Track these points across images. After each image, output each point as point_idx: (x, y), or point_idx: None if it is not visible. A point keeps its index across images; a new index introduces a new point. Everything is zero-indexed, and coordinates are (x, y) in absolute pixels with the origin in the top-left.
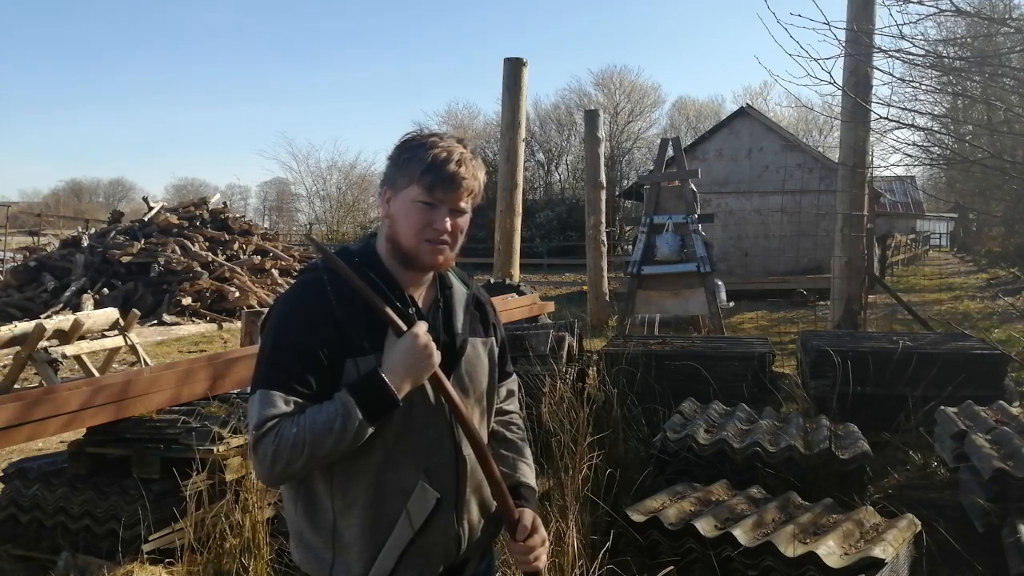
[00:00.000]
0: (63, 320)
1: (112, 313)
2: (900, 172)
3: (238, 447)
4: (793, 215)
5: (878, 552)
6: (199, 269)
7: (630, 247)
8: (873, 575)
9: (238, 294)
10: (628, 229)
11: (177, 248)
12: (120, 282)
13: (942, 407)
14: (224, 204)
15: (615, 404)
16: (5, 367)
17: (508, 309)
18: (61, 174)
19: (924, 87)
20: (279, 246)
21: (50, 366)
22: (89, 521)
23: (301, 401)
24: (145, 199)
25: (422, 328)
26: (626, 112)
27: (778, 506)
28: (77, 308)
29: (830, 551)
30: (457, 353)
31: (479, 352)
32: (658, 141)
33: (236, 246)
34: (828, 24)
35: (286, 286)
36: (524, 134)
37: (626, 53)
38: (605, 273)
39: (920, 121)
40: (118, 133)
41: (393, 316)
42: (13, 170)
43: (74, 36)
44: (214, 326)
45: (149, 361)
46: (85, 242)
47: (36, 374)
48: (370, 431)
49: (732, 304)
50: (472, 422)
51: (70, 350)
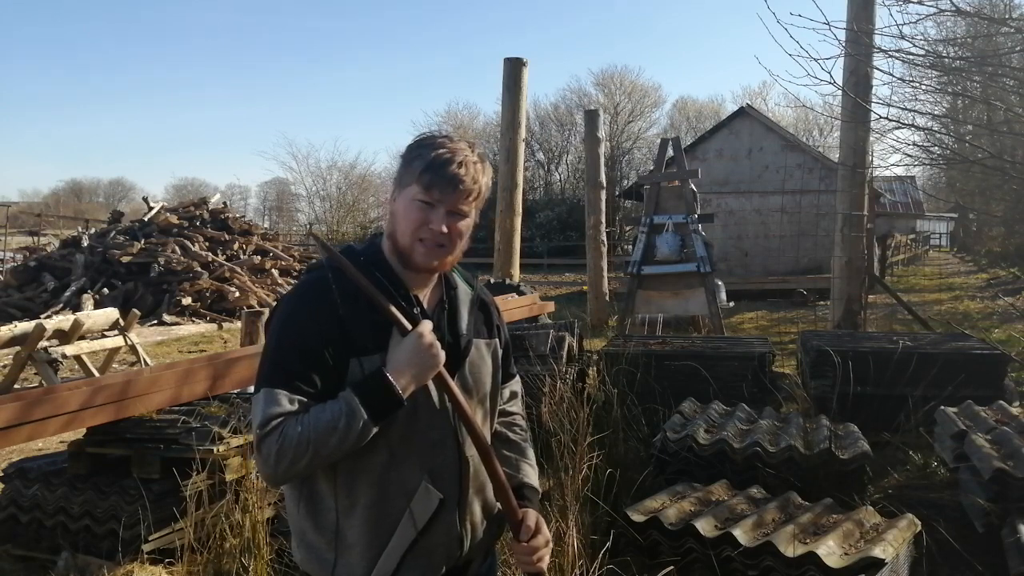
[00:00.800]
0: (63, 320)
1: (112, 313)
2: (900, 172)
3: (238, 447)
4: (793, 215)
5: (878, 552)
6: (199, 269)
7: (630, 247)
8: (873, 575)
9: (238, 294)
10: (628, 229)
11: (177, 248)
12: (120, 282)
13: (942, 407)
14: (224, 204)
15: (615, 404)
16: (5, 367)
17: (508, 309)
18: (61, 174)
19: (924, 87)
20: (279, 246)
21: (50, 366)
22: (89, 521)
23: (305, 400)
24: (145, 199)
25: (427, 327)
26: (626, 112)
27: (778, 506)
28: (77, 308)
29: (830, 551)
30: (461, 354)
31: (483, 353)
32: (658, 141)
33: (236, 246)
34: (828, 24)
35: (286, 286)
36: (524, 134)
37: (626, 53)
38: (605, 273)
39: (920, 121)
40: (118, 133)
41: (398, 315)
42: (13, 170)
43: (74, 36)
44: (214, 326)
45: (149, 361)
46: (85, 242)
47: (36, 374)
48: (374, 431)
49: (732, 304)
50: (476, 422)
51: (70, 350)
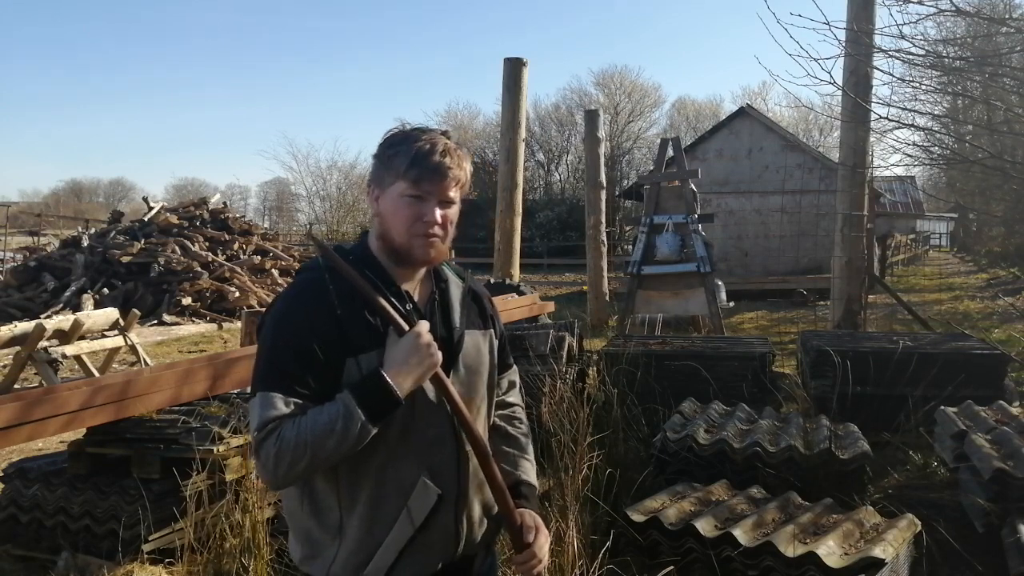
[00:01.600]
0: (63, 320)
1: (112, 313)
2: (900, 172)
3: (238, 447)
4: (793, 215)
5: (878, 552)
6: (199, 269)
7: (630, 247)
8: (873, 575)
9: (238, 294)
10: (628, 229)
11: (177, 248)
12: (120, 282)
13: (942, 407)
14: (224, 204)
15: (615, 404)
16: (5, 367)
17: (508, 309)
18: (61, 174)
19: (924, 87)
20: (279, 246)
21: (50, 366)
22: (89, 521)
23: (301, 402)
24: (145, 199)
25: (424, 327)
26: (626, 112)
27: (778, 506)
28: (77, 308)
29: (830, 551)
30: (455, 348)
31: (479, 345)
32: (658, 141)
33: (236, 246)
34: (828, 24)
35: (286, 286)
36: (524, 134)
37: (626, 53)
38: (605, 273)
39: (920, 121)
40: (118, 133)
41: (394, 315)
42: (13, 170)
43: (74, 36)
44: (214, 326)
45: (149, 361)
46: (85, 242)
47: (36, 374)
48: (373, 432)
49: (732, 304)
50: (473, 423)
51: (70, 350)
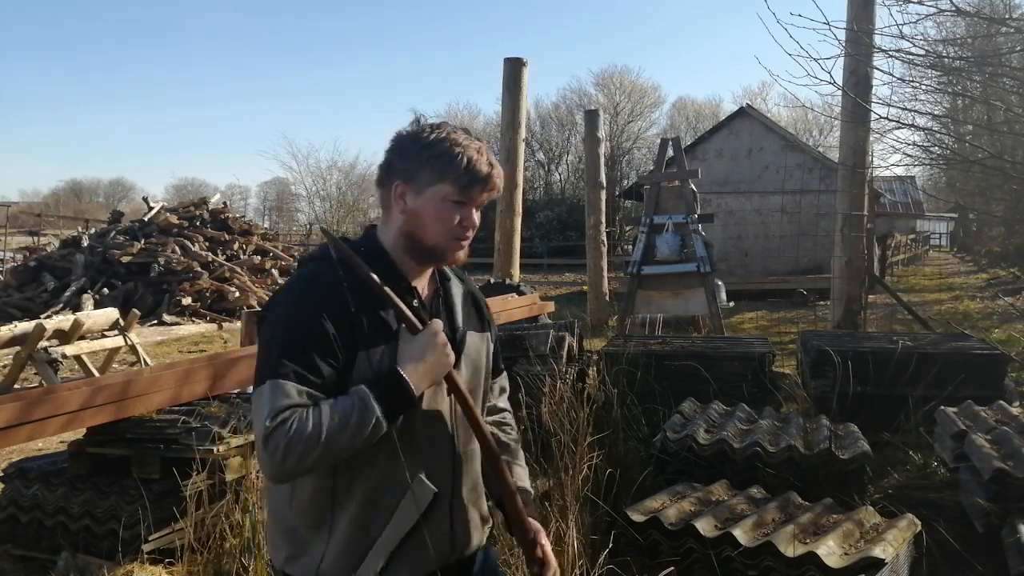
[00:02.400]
0: (63, 320)
1: (112, 313)
2: (900, 172)
3: (238, 447)
4: (793, 215)
5: (878, 552)
6: (199, 269)
7: (630, 247)
8: (873, 575)
9: (238, 294)
10: (628, 229)
11: (177, 248)
12: (120, 282)
13: (942, 407)
14: (224, 204)
15: (615, 404)
16: (5, 367)
17: (508, 309)
18: (61, 174)
19: (924, 87)
20: (279, 246)
21: (50, 366)
22: (89, 521)
23: (315, 393)
24: (145, 199)
25: (439, 326)
26: (626, 112)
27: (778, 506)
28: (77, 308)
29: (830, 551)
30: (459, 347)
31: (479, 346)
32: (658, 141)
33: (236, 246)
34: (828, 24)
35: (294, 277)
36: (524, 134)
37: (626, 53)
38: (605, 273)
39: (920, 121)
40: (118, 133)
41: (409, 313)
42: (13, 170)
43: (74, 36)
44: (214, 326)
45: (149, 361)
46: (85, 242)
47: (36, 374)
48: (385, 429)
49: (732, 304)
50: (485, 426)
51: (70, 350)
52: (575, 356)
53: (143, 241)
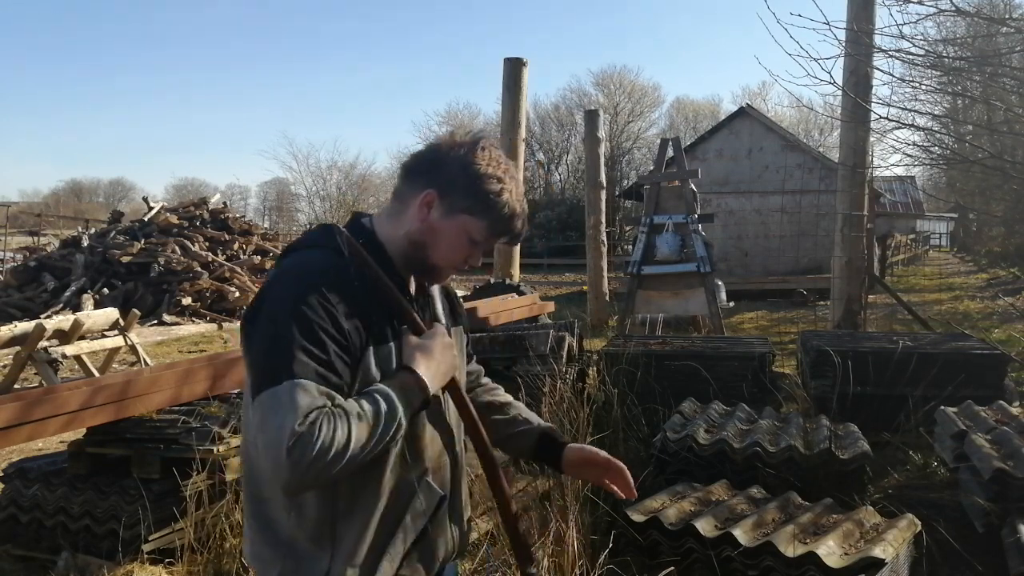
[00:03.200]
0: (63, 320)
1: (112, 313)
2: (900, 172)
3: (238, 447)
4: (793, 215)
5: (878, 552)
6: (199, 269)
7: (630, 247)
8: (873, 575)
9: (238, 294)
10: (628, 229)
11: (177, 248)
12: (120, 282)
13: (942, 407)
14: (224, 204)
15: (615, 404)
16: (5, 367)
17: (508, 309)
18: (61, 174)
19: (924, 87)
20: (279, 246)
21: (50, 366)
22: (89, 521)
23: (334, 394)
24: (145, 199)
25: (443, 328)
26: (626, 112)
27: (778, 506)
28: (77, 308)
29: (830, 551)
30: None
31: (457, 340)
32: (658, 141)
33: (236, 246)
34: (828, 24)
35: (290, 266)
36: (524, 134)
37: (626, 53)
38: (605, 273)
39: (920, 121)
40: (118, 133)
41: (415, 315)
42: (13, 170)
43: (74, 36)
44: (214, 326)
45: (149, 361)
46: (85, 242)
47: (36, 374)
48: (404, 431)
49: (732, 304)
50: (484, 433)
51: (70, 350)
52: (575, 356)
53: (143, 241)
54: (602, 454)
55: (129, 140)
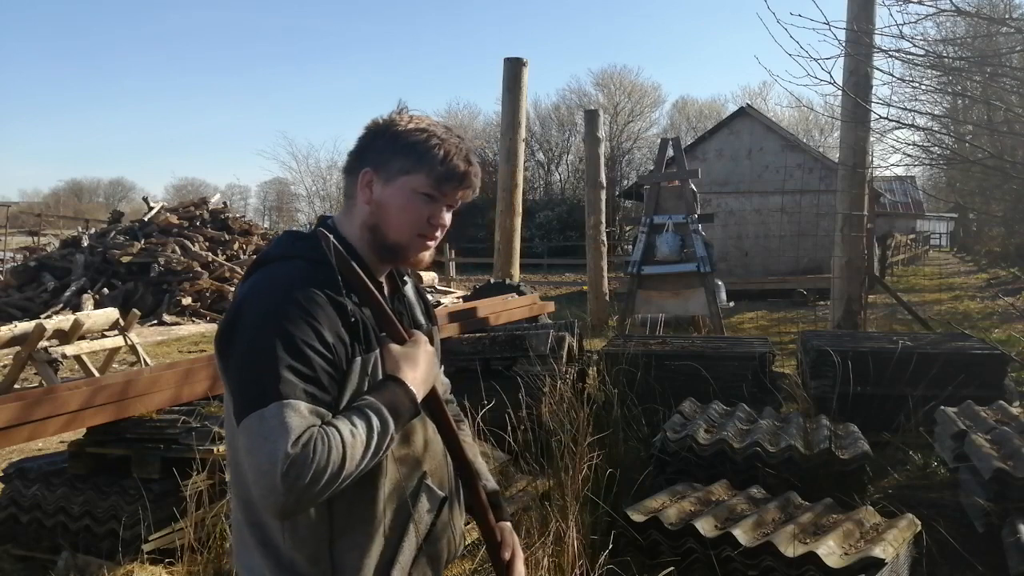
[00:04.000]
0: (63, 320)
1: (112, 313)
2: (900, 172)
3: None
4: (793, 215)
5: (878, 552)
6: (199, 269)
7: (630, 247)
8: (873, 575)
9: None
10: (628, 229)
11: (177, 248)
12: (120, 282)
13: (942, 407)
14: (224, 204)
15: (615, 404)
16: (5, 367)
17: (508, 309)
18: (61, 174)
19: (924, 87)
20: None
21: (50, 366)
22: (89, 521)
23: (323, 412)
24: (145, 199)
25: (424, 336)
26: (626, 112)
27: (778, 506)
28: (77, 308)
29: (830, 551)
30: None
31: (436, 345)
32: (658, 141)
33: (236, 246)
34: (828, 24)
35: (266, 276)
36: (524, 134)
37: (626, 53)
38: (605, 273)
39: (920, 121)
40: (118, 133)
41: (397, 323)
42: (13, 170)
43: (74, 36)
44: (214, 326)
45: (149, 361)
46: (85, 242)
47: (36, 374)
48: (394, 443)
49: (732, 304)
50: (460, 439)
51: (70, 350)
52: (575, 356)
53: (143, 241)
54: (518, 547)
55: (129, 140)
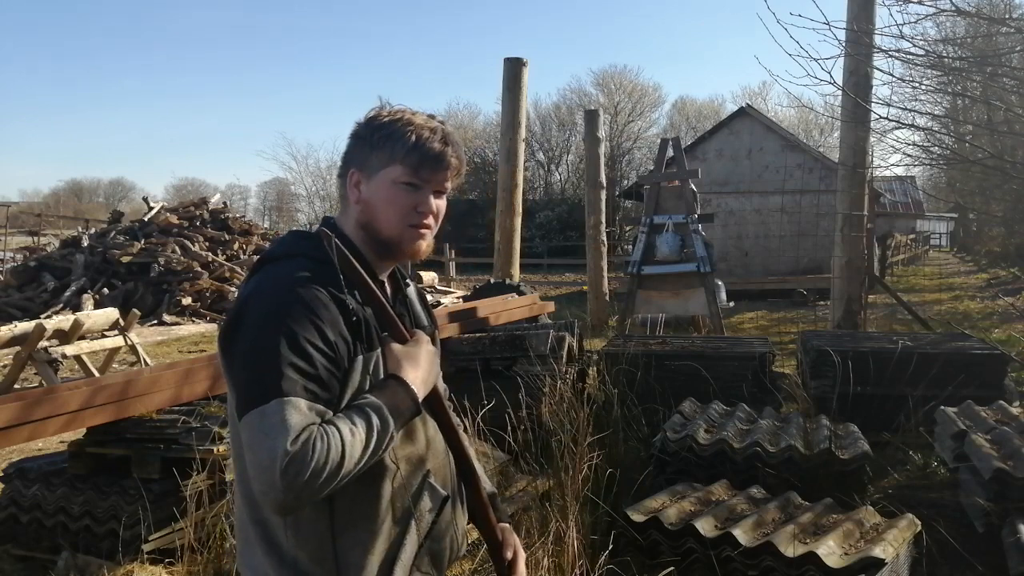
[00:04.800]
0: (63, 320)
1: (112, 313)
2: (900, 172)
3: None
4: (793, 215)
5: (878, 552)
6: (199, 269)
7: (630, 247)
8: (873, 575)
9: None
10: (628, 229)
11: (177, 248)
12: (120, 282)
13: (942, 407)
14: (224, 204)
15: (615, 404)
16: (5, 367)
17: (508, 309)
18: (61, 174)
19: (924, 87)
20: None
21: (50, 366)
22: (89, 521)
23: (323, 410)
24: (145, 199)
25: (427, 336)
26: (626, 112)
27: (778, 506)
28: (77, 308)
29: (830, 551)
30: None
31: (437, 345)
32: (658, 141)
33: (236, 246)
34: (828, 24)
35: (270, 275)
36: (524, 134)
37: (626, 53)
38: (605, 273)
39: (920, 121)
40: (118, 133)
41: (399, 323)
42: (13, 170)
43: (74, 36)
44: (214, 326)
45: (149, 361)
46: (85, 242)
47: (36, 374)
48: (395, 442)
49: (732, 304)
50: (462, 436)
51: (70, 350)
52: (575, 356)
53: (143, 241)
54: (519, 547)
55: (129, 140)
